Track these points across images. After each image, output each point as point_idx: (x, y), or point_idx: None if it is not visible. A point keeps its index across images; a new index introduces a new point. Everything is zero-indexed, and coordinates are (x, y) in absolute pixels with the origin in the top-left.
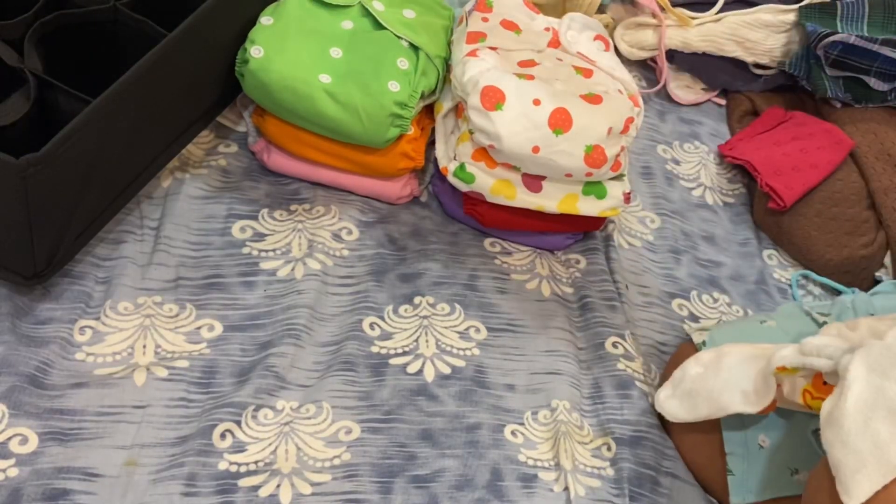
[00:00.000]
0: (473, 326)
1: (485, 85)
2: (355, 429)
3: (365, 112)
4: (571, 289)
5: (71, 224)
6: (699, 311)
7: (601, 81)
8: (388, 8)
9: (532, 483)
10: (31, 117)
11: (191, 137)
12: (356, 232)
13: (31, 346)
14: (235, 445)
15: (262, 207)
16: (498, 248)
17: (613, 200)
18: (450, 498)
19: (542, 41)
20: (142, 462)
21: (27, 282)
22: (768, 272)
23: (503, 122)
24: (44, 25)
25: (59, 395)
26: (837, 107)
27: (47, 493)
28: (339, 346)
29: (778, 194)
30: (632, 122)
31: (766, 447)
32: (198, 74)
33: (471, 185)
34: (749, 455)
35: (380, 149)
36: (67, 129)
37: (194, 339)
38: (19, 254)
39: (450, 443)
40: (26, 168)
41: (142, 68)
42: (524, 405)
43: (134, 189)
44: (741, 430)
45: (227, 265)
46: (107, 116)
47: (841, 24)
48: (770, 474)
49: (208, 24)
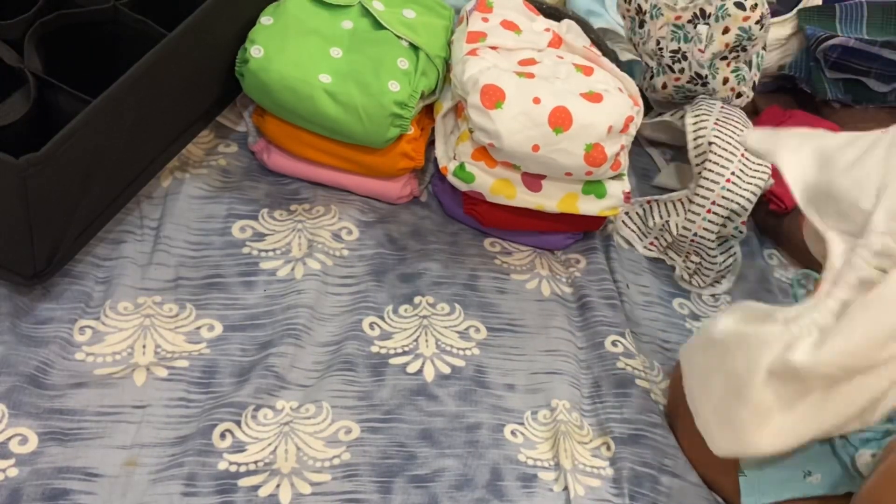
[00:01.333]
0: (473, 326)
1: (485, 83)
2: (355, 428)
3: (365, 112)
4: (571, 288)
5: (71, 224)
6: (700, 311)
7: (602, 79)
8: (388, 8)
9: (532, 483)
10: (31, 117)
11: (191, 137)
12: (356, 232)
13: (31, 346)
14: (235, 445)
15: (262, 207)
16: (498, 247)
17: (613, 200)
18: (449, 498)
19: (542, 41)
20: (142, 462)
21: (27, 282)
22: (769, 271)
23: (503, 120)
24: (44, 25)
25: (59, 395)
26: (837, 108)
27: (47, 493)
28: (339, 345)
29: (779, 198)
30: (632, 120)
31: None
32: (198, 74)
33: (470, 185)
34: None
35: (380, 149)
36: (67, 129)
37: (194, 339)
38: (19, 254)
39: (449, 442)
40: (26, 168)
41: (142, 68)
42: (524, 405)
43: (134, 189)
44: None
45: (227, 265)
46: (107, 116)
47: (840, 26)
48: (783, 476)
49: (208, 23)
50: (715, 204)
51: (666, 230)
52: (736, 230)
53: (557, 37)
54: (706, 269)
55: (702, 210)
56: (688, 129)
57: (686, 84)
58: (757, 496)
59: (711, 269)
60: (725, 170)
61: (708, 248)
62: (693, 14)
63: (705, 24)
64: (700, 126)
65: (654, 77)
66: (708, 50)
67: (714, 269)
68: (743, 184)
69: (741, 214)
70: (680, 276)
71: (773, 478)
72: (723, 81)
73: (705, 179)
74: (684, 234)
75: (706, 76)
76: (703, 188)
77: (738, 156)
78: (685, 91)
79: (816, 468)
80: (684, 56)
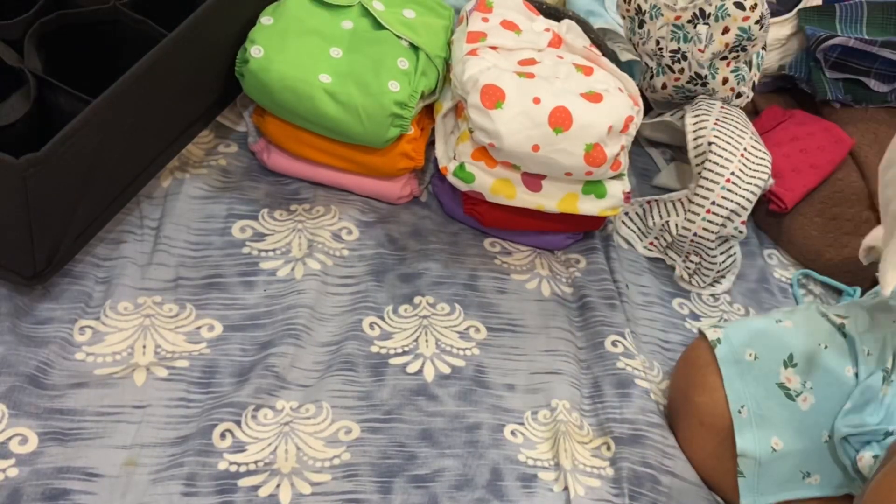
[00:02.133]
0: (473, 326)
1: (485, 83)
2: (355, 429)
3: (365, 112)
4: (571, 288)
5: (71, 224)
6: (700, 310)
7: (602, 79)
8: (388, 8)
9: (532, 483)
10: (31, 117)
11: (190, 138)
12: (356, 232)
13: (31, 346)
14: (235, 445)
15: (262, 207)
16: (498, 247)
17: (613, 200)
18: (449, 498)
19: (542, 41)
20: (142, 462)
21: (27, 282)
22: (769, 271)
23: (503, 120)
24: (44, 25)
25: (59, 395)
26: (837, 108)
27: (47, 493)
28: (339, 345)
29: (779, 197)
30: (632, 120)
31: (778, 450)
32: (198, 74)
33: (470, 185)
34: (761, 458)
35: (380, 149)
36: (67, 129)
37: (194, 338)
38: (19, 254)
39: (449, 443)
40: (27, 168)
41: (142, 68)
42: (524, 405)
43: (134, 189)
44: (754, 432)
45: (227, 265)
46: (107, 116)
47: (840, 26)
48: (782, 477)
49: (208, 23)
50: (715, 204)
51: (666, 230)
52: (736, 230)
53: (557, 37)
54: (706, 269)
55: (701, 210)
56: (688, 129)
57: (686, 84)
58: (755, 496)
59: (711, 268)
60: (725, 170)
61: (707, 247)
62: (692, 14)
63: (705, 24)
64: (700, 126)
65: (653, 77)
66: (708, 50)
67: (714, 268)
68: (743, 184)
69: (741, 214)
70: (680, 276)
71: (772, 478)
72: (722, 81)
73: (705, 179)
74: (684, 234)
75: (706, 76)
76: (702, 188)
77: (737, 155)
78: (685, 91)
79: (815, 469)
80: (684, 56)
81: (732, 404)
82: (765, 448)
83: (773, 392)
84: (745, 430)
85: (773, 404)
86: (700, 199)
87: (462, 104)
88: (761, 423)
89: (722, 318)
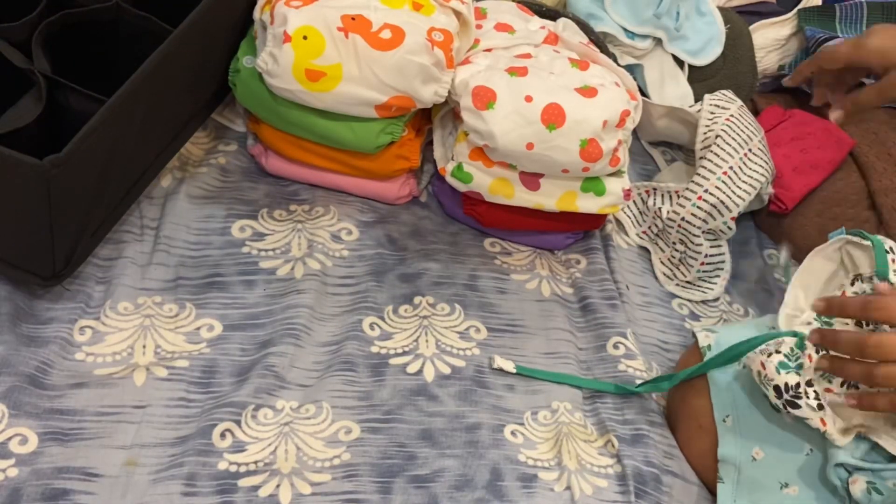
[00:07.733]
0: (473, 326)
1: (475, 85)
2: (355, 429)
3: (355, 120)
4: (571, 289)
5: (88, 223)
6: (700, 311)
7: (597, 74)
8: None
9: (532, 483)
10: (41, 119)
11: (193, 131)
12: (356, 232)
13: (31, 347)
14: (235, 445)
15: (261, 207)
16: (498, 248)
17: (613, 197)
18: (449, 498)
19: (537, 37)
20: (142, 462)
21: (45, 283)
22: (769, 272)
23: (495, 120)
24: (49, 26)
25: (59, 395)
26: None
27: (47, 493)
28: (339, 345)
29: (779, 198)
30: (628, 115)
31: (759, 460)
32: (202, 68)
33: (469, 185)
34: (741, 466)
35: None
36: (87, 128)
37: (194, 338)
38: (39, 255)
39: (449, 443)
40: (50, 169)
41: (153, 64)
42: (524, 405)
43: (142, 185)
44: (737, 440)
45: (227, 265)
46: (122, 114)
47: (840, 26)
48: (759, 486)
49: (212, 16)
50: (707, 192)
51: (658, 217)
52: (725, 225)
53: (553, 34)
54: (690, 259)
55: (693, 196)
56: (702, 116)
57: None
58: (731, 502)
59: (696, 258)
60: (724, 163)
61: (693, 234)
62: None
63: None
64: (714, 118)
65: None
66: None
67: (699, 258)
68: (738, 181)
69: (731, 210)
70: (662, 272)
71: (749, 486)
72: None
73: (703, 168)
74: (672, 218)
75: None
76: (699, 175)
77: (740, 154)
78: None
79: (794, 480)
80: None
81: (717, 413)
82: (745, 456)
83: (760, 402)
84: (727, 438)
85: (758, 414)
86: (694, 186)
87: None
88: (745, 433)
89: (721, 319)
